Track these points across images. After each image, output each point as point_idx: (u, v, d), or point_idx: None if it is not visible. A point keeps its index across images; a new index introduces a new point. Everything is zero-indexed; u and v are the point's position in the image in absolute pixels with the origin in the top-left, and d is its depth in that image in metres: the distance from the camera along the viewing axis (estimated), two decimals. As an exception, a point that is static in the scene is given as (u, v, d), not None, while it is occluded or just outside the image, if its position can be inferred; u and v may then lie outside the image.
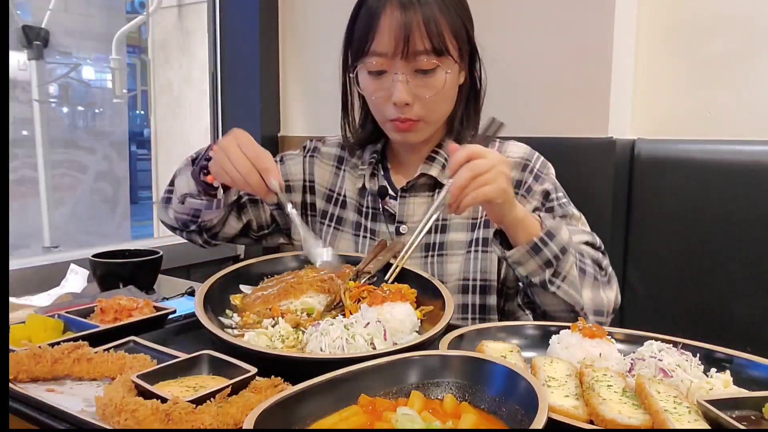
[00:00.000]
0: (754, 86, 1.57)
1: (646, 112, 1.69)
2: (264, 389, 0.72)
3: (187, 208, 1.27)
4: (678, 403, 0.70)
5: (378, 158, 1.35)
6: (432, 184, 1.30)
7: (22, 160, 3.23)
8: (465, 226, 1.28)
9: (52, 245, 3.13)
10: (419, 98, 1.19)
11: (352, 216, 1.36)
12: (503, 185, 1.01)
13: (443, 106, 1.25)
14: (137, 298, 1.05)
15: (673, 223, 1.55)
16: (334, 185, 1.40)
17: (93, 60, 3.90)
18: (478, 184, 0.99)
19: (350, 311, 1.01)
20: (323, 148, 1.44)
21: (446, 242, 1.28)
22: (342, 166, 1.41)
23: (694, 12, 1.62)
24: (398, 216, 1.30)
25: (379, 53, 1.17)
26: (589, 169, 1.56)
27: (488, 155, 1.01)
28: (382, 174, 1.35)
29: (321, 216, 1.41)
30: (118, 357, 0.81)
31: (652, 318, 1.59)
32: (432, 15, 1.14)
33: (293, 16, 2.16)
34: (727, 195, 1.48)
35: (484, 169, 0.99)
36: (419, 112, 1.20)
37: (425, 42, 1.14)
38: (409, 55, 1.15)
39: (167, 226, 1.39)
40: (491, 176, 0.99)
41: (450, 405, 0.69)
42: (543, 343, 0.94)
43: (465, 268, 1.26)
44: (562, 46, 1.61)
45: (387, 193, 1.32)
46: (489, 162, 1.00)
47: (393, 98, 1.18)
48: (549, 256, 1.05)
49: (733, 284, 1.49)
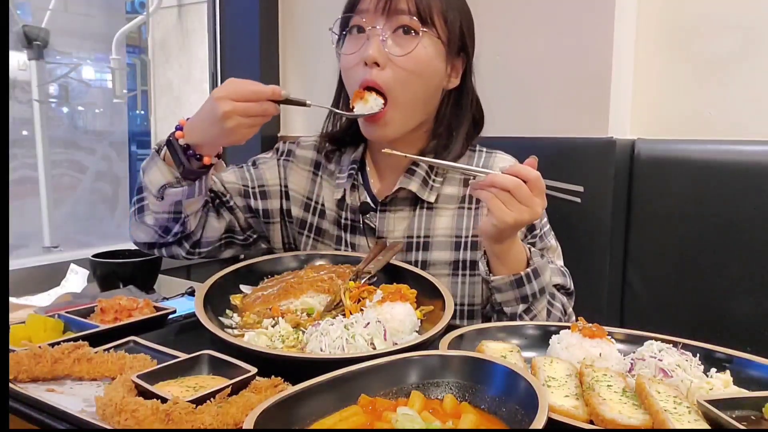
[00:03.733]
0: (754, 86, 1.57)
1: (646, 112, 1.69)
2: (264, 389, 0.72)
3: (167, 204, 1.15)
4: (678, 403, 0.70)
5: (357, 167, 1.29)
6: (413, 199, 1.25)
7: (22, 160, 3.23)
8: (449, 244, 1.24)
9: (52, 245, 3.12)
10: (392, 63, 1.13)
11: (331, 228, 1.31)
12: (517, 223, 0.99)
13: (415, 87, 1.16)
14: (137, 298, 1.05)
15: (673, 223, 1.54)
16: (311, 192, 1.34)
17: (93, 60, 3.90)
18: (505, 200, 0.97)
19: (350, 311, 1.01)
20: (298, 151, 1.37)
21: (429, 261, 1.24)
22: (319, 172, 1.35)
23: (694, 12, 1.62)
24: (378, 231, 1.26)
25: (362, 10, 1.14)
26: (589, 169, 1.56)
27: (540, 196, 0.99)
28: (362, 184, 1.29)
29: (299, 225, 1.34)
30: (118, 357, 0.81)
31: (652, 318, 1.59)
32: None
33: (293, 16, 2.16)
34: (727, 195, 1.48)
35: (524, 199, 0.97)
36: (387, 79, 1.13)
37: (409, 3, 1.12)
38: (390, 11, 1.12)
39: (143, 245, 1.26)
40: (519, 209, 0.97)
41: (450, 405, 0.69)
42: (543, 343, 0.94)
43: (453, 292, 1.21)
44: (562, 46, 1.61)
45: (369, 208, 1.27)
46: (530, 199, 0.98)
47: (362, 54, 1.13)
48: (528, 292, 1.07)
49: (733, 284, 1.48)
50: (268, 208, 1.34)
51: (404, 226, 1.25)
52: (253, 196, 1.32)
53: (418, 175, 1.24)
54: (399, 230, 1.25)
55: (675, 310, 1.56)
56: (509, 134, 1.53)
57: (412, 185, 1.23)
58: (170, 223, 1.20)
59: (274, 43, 2.18)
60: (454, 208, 1.25)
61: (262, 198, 1.33)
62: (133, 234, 1.25)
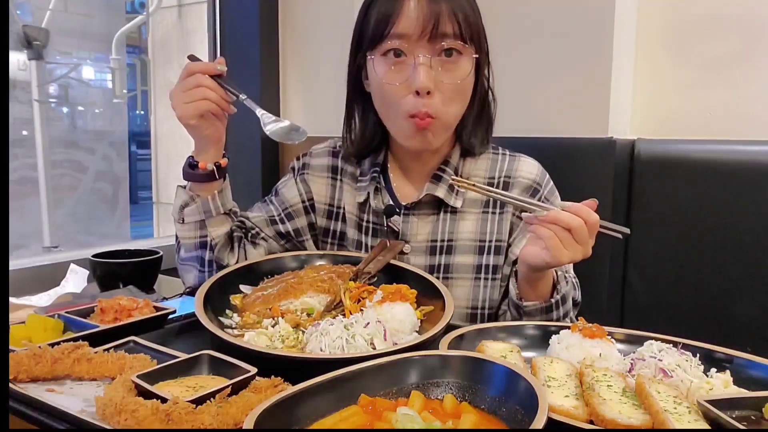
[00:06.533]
0: (754, 86, 1.57)
1: (646, 112, 1.69)
2: (264, 389, 0.72)
3: (190, 228, 1.22)
4: (678, 403, 0.70)
5: (380, 170, 1.28)
6: (437, 202, 1.24)
7: (22, 160, 3.23)
8: (472, 248, 1.23)
9: (52, 245, 3.13)
10: (440, 88, 1.11)
11: (352, 233, 1.31)
12: (570, 261, 0.99)
13: (458, 105, 1.17)
14: (137, 298, 1.04)
15: (673, 223, 1.54)
16: (333, 198, 1.34)
17: (93, 60, 3.91)
18: (564, 239, 0.97)
19: (350, 311, 1.01)
20: (313, 162, 1.36)
21: (452, 264, 1.23)
22: (338, 176, 1.34)
23: (694, 12, 1.62)
24: (402, 235, 1.24)
25: (401, 35, 1.10)
26: (589, 169, 1.56)
27: (594, 236, 0.99)
28: (384, 187, 1.27)
29: (323, 234, 1.35)
30: (118, 357, 0.81)
31: (652, 318, 1.59)
32: (460, 5, 1.11)
33: (293, 16, 2.16)
34: (727, 195, 1.48)
35: (582, 241, 0.97)
36: (438, 106, 1.12)
37: (453, 25, 1.10)
38: (437, 36, 1.09)
39: (192, 288, 1.28)
40: (575, 250, 0.98)
41: (450, 405, 0.69)
42: (543, 343, 0.94)
43: (474, 296, 1.23)
44: (562, 46, 1.61)
45: (394, 212, 1.25)
46: (587, 241, 0.98)
47: (416, 84, 1.10)
48: (554, 317, 1.09)
49: (733, 284, 1.48)
50: (297, 227, 1.35)
51: (428, 230, 1.24)
52: (280, 221, 1.34)
53: (445, 180, 1.23)
54: (423, 234, 1.25)
55: (675, 310, 1.55)
56: (509, 134, 1.53)
57: (438, 191, 1.23)
58: (200, 250, 1.24)
59: (274, 43, 2.18)
60: (478, 213, 1.25)
61: (289, 220, 1.34)
62: (183, 279, 1.31)
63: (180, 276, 1.32)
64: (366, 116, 1.28)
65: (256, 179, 2.08)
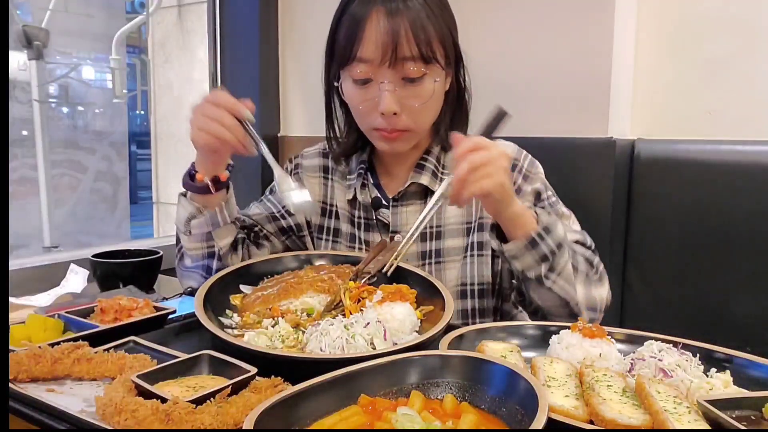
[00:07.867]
0: (754, 86, 1.57)
1: (646, 112, 1.69)
2: (264, 389, 0.72)
3: (197, 238, 1.22)
4: (678, 403, 0.70)
5: (366, 167, 1.32)
6: (423, 191, 1.28)
7: (22, 160, 3.24)
8: (460, 231, 1.27)
9: (52, 245, 3.13)
10: (407, 108, 1.16)
11: (345, 227, 1.35)
12: (501, 179, 1.00)
13: (430, 115, 1.22)
14: (137, 298, 1.04)
15: (673, 223, 1.54)
16: (325, 196, 1.38)
17: (93, 60, 3.91)
18: (477, 177, 0.98)
19: (350, 311, 1.01)
20: (305, 162, 1.41)
21: (442, 249, 1.27)
22: (329, 175, 1.39)
23: (694, 12, 1.62)
24: (392, 225, 1.29)
25: (365, 60, 1.13)
26: (589, 169, 1.56)
27: (490, 148, 1.00)
28: (372, 183, 1.32)
29: (318, 231, 1.38)
30: (118, 357, 0.81)
31: (652, 318, 1.59)
32: (419, 21, 1.11)
33: (293, 16, 2.16)
34: (727, 195, 1.48)
35: (484, 161, 0.98)
36: (407, 122, 1.17)
37: (413, 49, 1.11)
38: (396, 62, 1.12)
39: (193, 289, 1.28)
40: (491, 170, 0.98)
41: (450, 405, 0.69)
42: (543, 343, 0.94)
43: (462, 274, 1.25)
44: (562, 47, 1.61)
45: (381, 204, 1.30)
46: (489, 155, 0.99)
47: (380, 108, 1.15)
48: (545, 251, 1.05)
49: (733, 284, 1.48)
50: (298, 222, 1.38)
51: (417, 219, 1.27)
52: (281, 217, 1.37)
53: (428, 168, 1.27)
54: (412, 223, 1.26)
55: (675, 310, 1.55)
56: (509, 134, 1.52)
57: (423, 179, 1.26)
58: (208, 260, 1.25)
59: (273, 43, 2.19)
60: None
61: (289, 215, 1.37)
62: (183, 285, 1.32)
63: (180, 281, 1.33)
64: (346, 119, 1.32)
65: (257, 179, 2.08)
